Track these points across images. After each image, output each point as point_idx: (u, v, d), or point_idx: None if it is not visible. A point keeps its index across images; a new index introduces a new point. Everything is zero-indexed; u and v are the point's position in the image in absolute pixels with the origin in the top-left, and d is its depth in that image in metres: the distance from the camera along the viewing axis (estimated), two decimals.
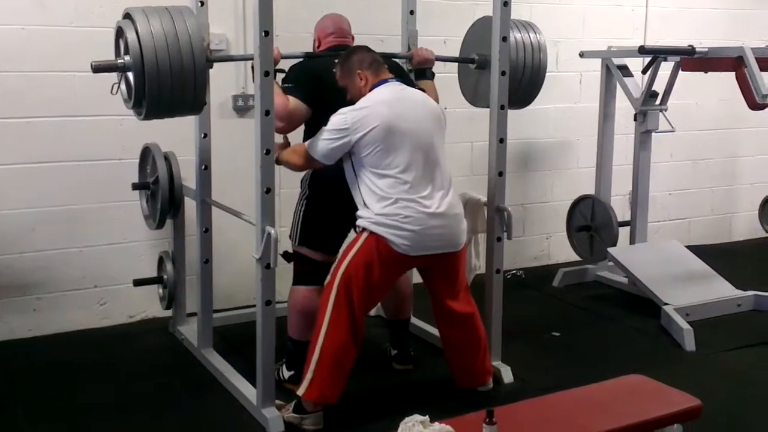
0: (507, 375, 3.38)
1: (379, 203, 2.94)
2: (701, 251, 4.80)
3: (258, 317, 2.94)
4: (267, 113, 2.83)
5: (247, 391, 3.14)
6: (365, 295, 2.97)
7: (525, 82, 3.60)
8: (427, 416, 1.97)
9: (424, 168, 2.98)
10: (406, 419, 1.98)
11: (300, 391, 2.95)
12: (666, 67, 4.41)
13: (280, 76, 3.09)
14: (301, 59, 3.31)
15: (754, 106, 3.80)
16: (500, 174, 3.35)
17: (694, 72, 4.28)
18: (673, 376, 2.74)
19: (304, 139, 3.25)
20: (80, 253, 4.01)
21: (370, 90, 3.05)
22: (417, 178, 2.96)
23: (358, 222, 3.00)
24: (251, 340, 3.40)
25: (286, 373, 3.30)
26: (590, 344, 3.94)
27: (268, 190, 2.87)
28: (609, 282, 4.85)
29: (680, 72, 4.37)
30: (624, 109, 4.81)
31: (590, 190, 4.91)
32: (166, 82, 2.86)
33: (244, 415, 3.07)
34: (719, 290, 4.37)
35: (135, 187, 3.83)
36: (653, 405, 2.18)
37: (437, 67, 3.59)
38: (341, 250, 3.19)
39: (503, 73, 3.29)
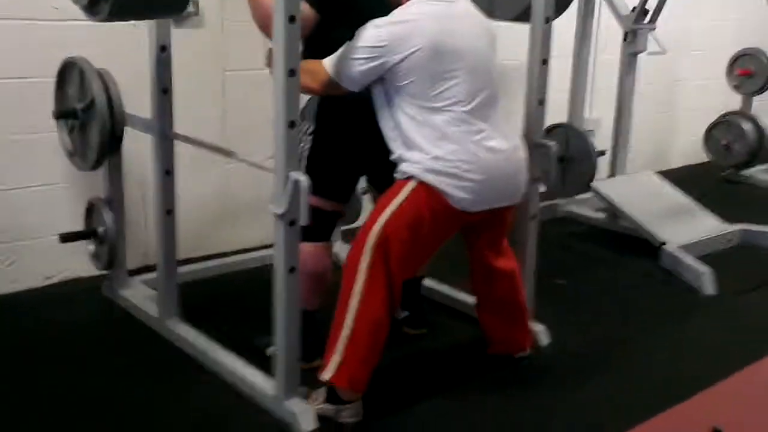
0: (544, 337, 2.92)
1: (432, 145, 2.32)
2: None
3: (278, 288, 2.26)
4: (292, 19, 2.10)
5: (254, 378, 2.47)
6: (406, 260, 2.37)
7: None
8: None
9: (483, 100, 2.38)
10: None
11: (326, 375, 2.34)
12: None
13: None
14: None
15: None
16: (540, 103, 2.81)
17: None
18: (721, 328, 2.39)
19: (303, 57, 2.55)
20: None
21: None
22: (476, 113, 2.36)
23: (403, 167, 2.37)
24: (218, 304, 2.91)
25: None
26: (602, 293, 3.50)
27: (292, 124, 2.16)
28: (581, 218, 4.50)
29: None
30: None
31: (558, 118, 4.47)
32: None
33: (255, 410, 2.40)
34: (707, 225, 4.10)
35: (59, 115, 2.94)
36: None
37: None
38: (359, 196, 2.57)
39: None
